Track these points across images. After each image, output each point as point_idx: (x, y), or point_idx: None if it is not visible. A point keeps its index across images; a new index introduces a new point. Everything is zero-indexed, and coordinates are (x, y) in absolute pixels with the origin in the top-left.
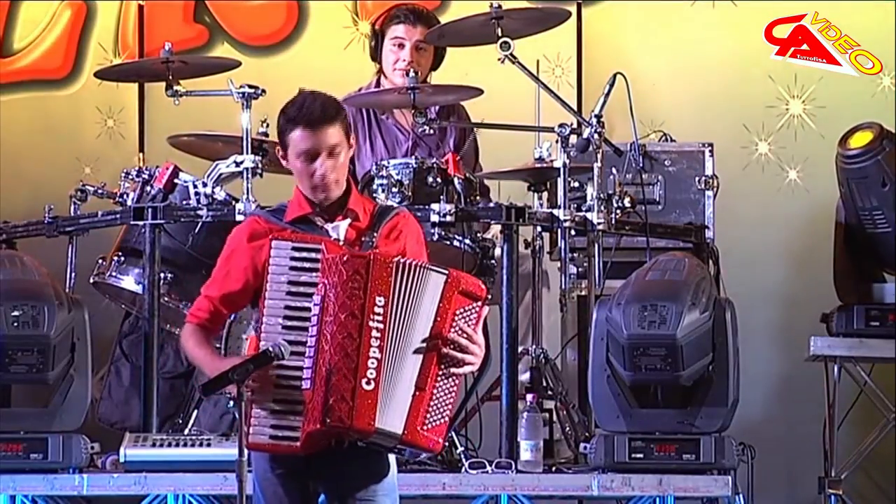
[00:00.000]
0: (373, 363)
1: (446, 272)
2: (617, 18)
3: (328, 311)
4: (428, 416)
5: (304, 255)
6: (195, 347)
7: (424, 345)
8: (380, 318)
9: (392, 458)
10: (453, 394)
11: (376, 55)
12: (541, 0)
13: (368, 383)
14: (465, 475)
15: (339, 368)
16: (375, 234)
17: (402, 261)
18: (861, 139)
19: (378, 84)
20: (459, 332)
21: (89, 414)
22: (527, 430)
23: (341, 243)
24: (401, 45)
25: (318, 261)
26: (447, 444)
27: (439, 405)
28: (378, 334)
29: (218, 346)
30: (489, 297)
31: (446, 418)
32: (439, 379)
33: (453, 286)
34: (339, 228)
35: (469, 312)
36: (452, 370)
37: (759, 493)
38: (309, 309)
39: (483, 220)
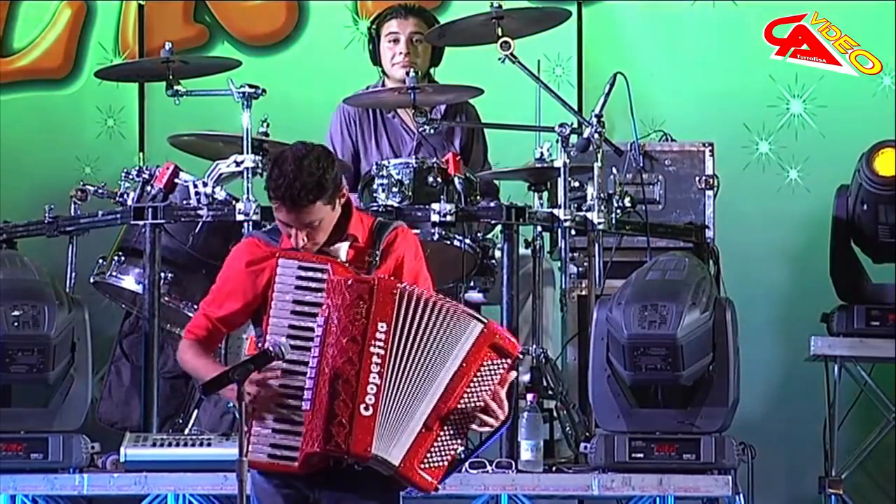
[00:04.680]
0: (372, 388)
1: (485, 322)
2: (617, 18)
3: (331, 333)
4: (429, 455)
5: (311, 274)
6: (194, 357)
7: (442, 386)
8: (381, 343)
9: None
10: (460, 440)
11: (375, 58)
12: (541, 0)
13: (367, 409)
14: (465, 475)
15: (338, 392)
16: (377, 253)
17: (407, 288)
18: (892, 164)
19: (383, 84)
20: (478, 386)
21: (89, 414)
22: (527, 429)
23: (346, 264)
24: (396, 40)
25: (323, 281)
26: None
27: (443, 448)
28: (379, 360)
29: (218, 345)
30: (521, 357)
31: (447, 462)
32: (449, 424)
33: (487, 338)
34: (340, 250)
35: (495, 368)
36: (468, 423)
37: (760, 493)
38: (313, 329)
39: (484, 220)
